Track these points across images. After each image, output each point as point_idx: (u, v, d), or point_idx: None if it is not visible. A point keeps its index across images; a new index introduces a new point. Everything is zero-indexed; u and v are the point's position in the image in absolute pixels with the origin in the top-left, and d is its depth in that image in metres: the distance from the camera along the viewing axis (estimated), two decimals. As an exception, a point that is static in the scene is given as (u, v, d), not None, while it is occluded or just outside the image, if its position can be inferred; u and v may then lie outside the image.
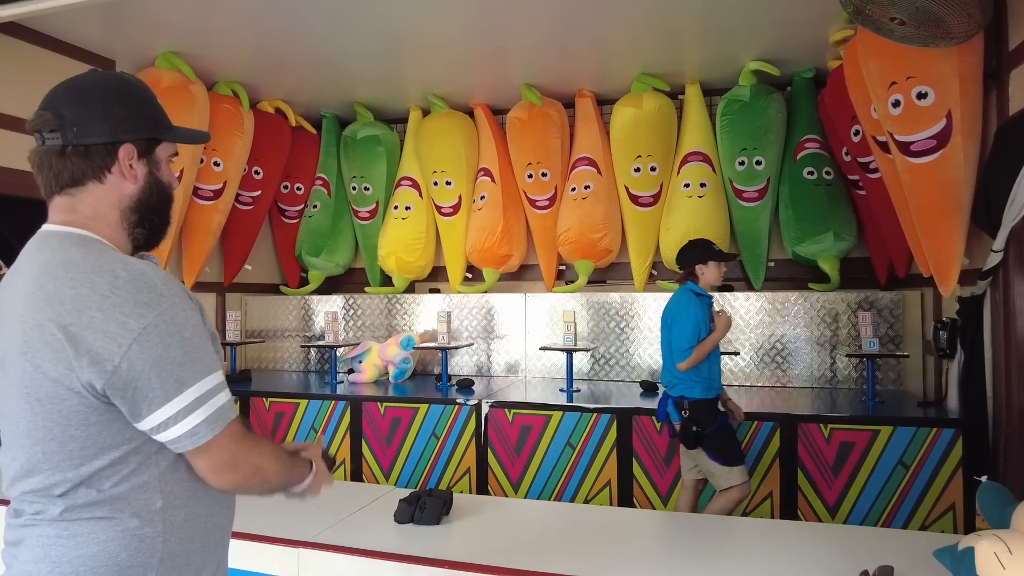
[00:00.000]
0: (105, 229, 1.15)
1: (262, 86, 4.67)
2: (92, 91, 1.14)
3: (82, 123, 1.11)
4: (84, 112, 1.12)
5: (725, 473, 2.99)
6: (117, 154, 1.14)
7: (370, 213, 5.23)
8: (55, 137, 1.11)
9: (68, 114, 1.11)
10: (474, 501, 2.33)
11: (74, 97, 1.13)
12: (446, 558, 1.75)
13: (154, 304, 1.05)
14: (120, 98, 1.16)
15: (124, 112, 1.15)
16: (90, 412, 1.06)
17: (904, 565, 1.65)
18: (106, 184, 1.14)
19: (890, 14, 2.53)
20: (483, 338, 4.84)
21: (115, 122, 1.13)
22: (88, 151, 1.12)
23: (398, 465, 3.86)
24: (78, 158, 1.12)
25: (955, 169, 2.96)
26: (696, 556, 1.85)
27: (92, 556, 1.07)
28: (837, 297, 4.12)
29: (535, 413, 3.64)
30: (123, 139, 1.14)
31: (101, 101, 1.14)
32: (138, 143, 1.16)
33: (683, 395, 3.07)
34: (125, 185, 1.16)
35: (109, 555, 1.07)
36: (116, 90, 1.17)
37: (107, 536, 1.07)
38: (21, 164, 3.57)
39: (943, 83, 2.90)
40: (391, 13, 3.50)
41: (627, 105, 4.48)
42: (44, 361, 1.04)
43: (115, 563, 1.07)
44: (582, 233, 4.55)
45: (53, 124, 1.11)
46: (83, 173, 1.13)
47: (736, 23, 3.65)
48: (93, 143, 1.12)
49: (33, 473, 1.09)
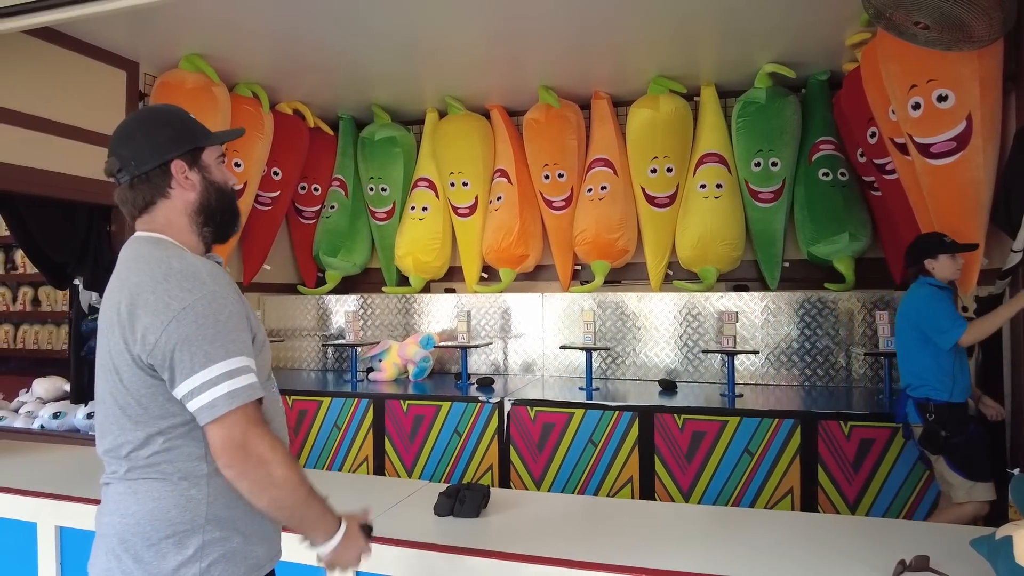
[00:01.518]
0: (177, 234, 1.36)
1: (281, 88, 4.73)
2: (133, 128, 1.36)
3: (137, 156, 1.31)
4: (134, 147, 1.32)
5: (966, 487, 2.79)
6: (171, 171, 1.33)
7: (387, 214, 5.28)
8: (124, 175, 1.32)
9: (124, 153, 1.32)
10: (510, 495, 2.38)
11: (123, 138, 1.34)
12: (492, 549, 1.80)
13: (195, 290, 1.22)
14: (155, 125, 1.36)
15: (163, 135, 1.34)
16: (143, 383, 1.24)
17: (939, 555, 1.68)
18: (172, 198, 1.34)
19: (914, 18, 2.58)
20: (500, 337, 4.89)
21: (159, 146, 1.32)
22: (149, 176, 1.32)
23: (421, 462, 3.91)
24: (143, 185, 1.33)
25: (975, 171, 3.01)
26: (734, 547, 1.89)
27: (149, 511, 1.24)
28: (852, 297, 4.17)
29: (557, 411, 3.69)
30: (171, 157, 1.32)
31: (143, 133, 1.34)
32: (184, 156, 1.34)
33: (928, 397, 2.88)
34: (187, 194, 1.35)
35: (162, 511, 1.24)
36: (149, 120, 1.39)
37: (160, 494, 1.25)
38: (49, 165, 3.64)
39: (963, 86, 2.94)
40: (409, 17, 3.54)
41: (643, 107, 4.53)
42: (114, 336, 1.26)
43: (167, 519, 1.24)
44: (598, 233, 4.59)
45: (118, 165, 1.33)
46: (151, 195, 1.34)
47: (752, 26, 3.70)
48: (150, 169, 1.32)
49: (106, 435, 1.29)
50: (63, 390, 5.15)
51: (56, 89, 3.71)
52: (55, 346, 6.00)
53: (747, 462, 3.41)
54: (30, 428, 4.83)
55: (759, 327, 4.32)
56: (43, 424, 4.83)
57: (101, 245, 4.06)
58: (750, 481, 3.41)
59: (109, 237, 4.13)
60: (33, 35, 3.47)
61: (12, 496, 2.39)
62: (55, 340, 6.03)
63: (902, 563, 1.65)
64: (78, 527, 2.27)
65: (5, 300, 6.21)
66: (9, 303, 6.20)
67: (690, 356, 4.48)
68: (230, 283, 1.30)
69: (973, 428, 2.89)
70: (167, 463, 1.25)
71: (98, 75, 3.96)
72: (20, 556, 2.37)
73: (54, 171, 3.67)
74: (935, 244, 2.98)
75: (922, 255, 3.02)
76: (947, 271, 2.97)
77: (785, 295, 4.32)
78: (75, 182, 3.78)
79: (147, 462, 1.25)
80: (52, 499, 2.33)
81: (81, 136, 3.83)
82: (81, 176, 3.81)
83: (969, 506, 2.81)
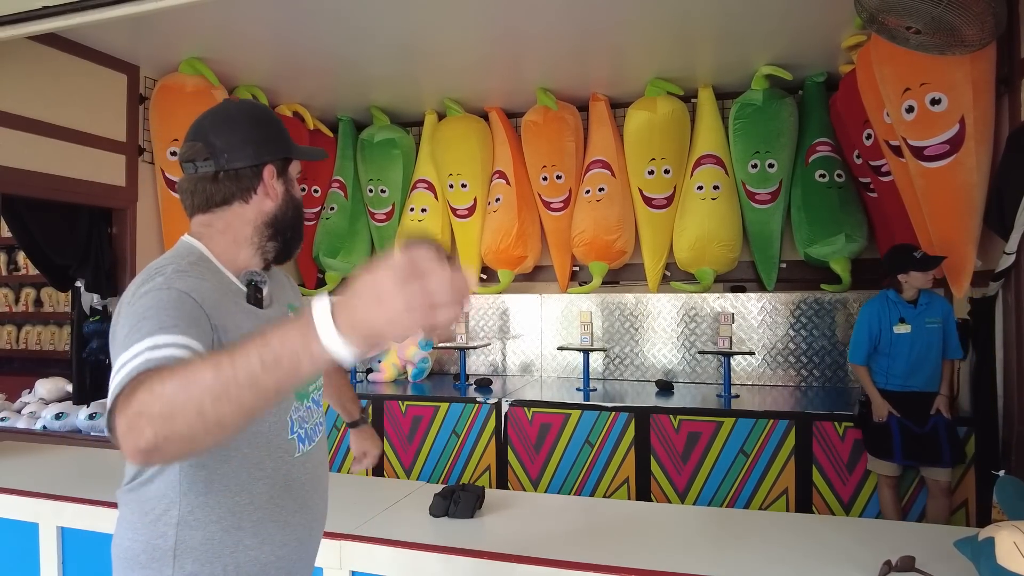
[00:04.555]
0: (225, 243, 1.23)
1: (281, 90, 4.76)
2: (235, 119, 1.23)
3: (231, 149, 1.19)
4: (231, 139, 1.20)
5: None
6: (263, 175, 1.22)
7: (386, 215, 5.31)
8: (208, 164, 1.19)
9: (217, 142, 1.19)
10: (505, 496, 2.40)
11: (220, 126, 1.22)
12: (485, 549, 1.82)
13: (146, 282, 1.07)
14: (259, 122, 1.25)
15: (264, 135, 1.23)
16: None
17: (924, 556, 1.71)
18: (250, 204, 1.22)
19: (906, 23, 2.60)
20: (498, 338, 4.91)
21: (258, 145, 1.21)
22: (238, 174, 1.20)
23: (419, 462, 3.94)
24: (229, 181, 1.20)
25: (968, 173, 3.03)
26: (726, 547, 1.91)
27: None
28: (849, 298, 4.19)
29: (554, 412, 3.72)
30: (266, 160, 1.22)
31: (244, 127, 1.22)
32: (276, 163, 1.24)
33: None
34: (266, 203, 1.24)
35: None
36: (255, 116, 1.26)
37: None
38: (51, 168, 3.68)
39: (957, 89, 2.96)
40: (408, 19, 3.57)
41: (641, 109, 4.55)
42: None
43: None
44: (596, 235, 4.62)
45: (206, 153, 1.19)
46: (232, 194, 1.21)
47: (750, 29, 3.72)
48: (242, 167, 1.20)
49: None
50: (65, 391, 5.19)
51: (57, 93, 3.75)
52: (58, 347, 6.04)
53: (742, 463, 3.44)
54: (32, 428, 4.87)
55: (756, 328, 4.34)
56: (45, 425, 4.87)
57: (102, 247, 4.09)
58: (745, 481, 3.43)
59: (110, 239, 4.17)
60: (34, 40, 3.51)
61: (14, 497, 2.42)
62: (57, 341, 6.07)
63: (888, 564, 1.67)
64: (79, 528, 2.30)
65: (8, 301, 6.25)
66: (12, 304, 6.24)
67: (687, 357, 4.51)
68: (190, 278, 1.10)
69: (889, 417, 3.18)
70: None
71: (99, 79, 3.99)
72: (22, 557, 2.40)
73: (56, 174, 3.71)
74: (906, 260, 3.19)
75: (893, 270, 3.24)
76: (918, 282, 3.20)
77: (782, 296, 4.34)
78: (77, 185, 3.82)
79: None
80: (53, 500, 2.36)
81: (82, 139, 3.86)
82: (83, 179, 3.85)
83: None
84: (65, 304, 5.86)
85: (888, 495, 3.20)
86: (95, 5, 2.54)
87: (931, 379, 3.21)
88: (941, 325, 3.20)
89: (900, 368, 3.20)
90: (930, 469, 3.11)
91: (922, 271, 3.15)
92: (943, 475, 3.09)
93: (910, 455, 3.11)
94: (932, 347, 3.19)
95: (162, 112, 4.20)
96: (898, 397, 3.18)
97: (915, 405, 3.15)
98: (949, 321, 3.22)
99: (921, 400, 3.16)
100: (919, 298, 3.23)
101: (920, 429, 3.10)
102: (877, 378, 3.25)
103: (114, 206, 4.13)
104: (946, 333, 3.21)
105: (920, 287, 3.21)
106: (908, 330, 3.19)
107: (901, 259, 3.21)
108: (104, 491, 2.38)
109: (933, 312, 3.21)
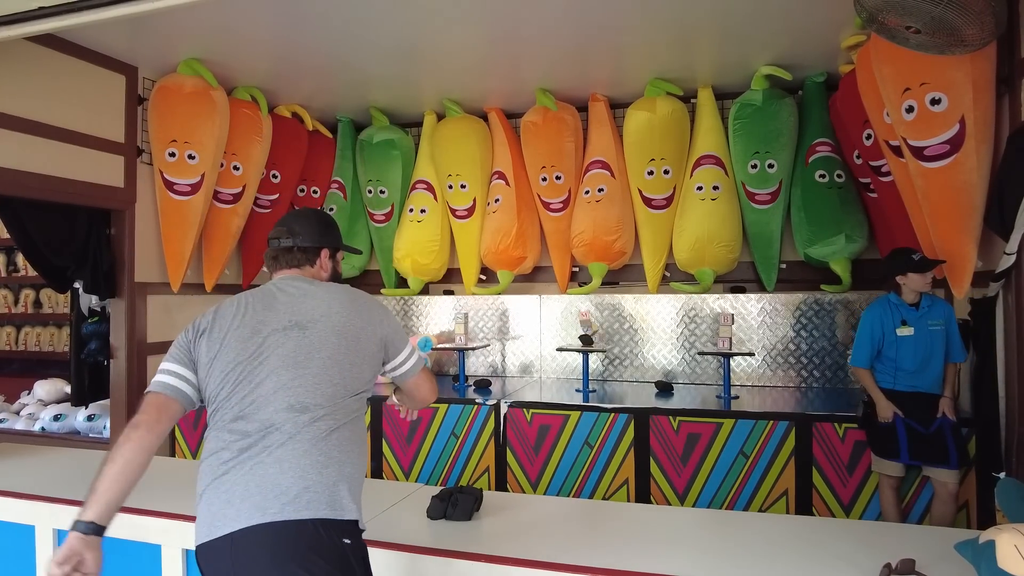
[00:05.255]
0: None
1: (280, 91, 4.75)
2: (310, 219, 1.91)
3: (304, 235, 1.86)
4: (306, 230, 1.87)
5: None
6: (320, 254, 1.88)
7: (385, 216, 5.30)
8: (288, 241, 1.85)
9: (298, 229, 1.86)
10: (503, 498, 2.40)
11: (300, 221, 1.89)
12: (483, 552, 1.81)
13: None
14: (324, 225, 1.92)
15: (325, 231, 1.91)
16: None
17: (925, 559, 1.70)
18: (315, 268, 1.88)
19: (906, 23, 2.59)
20: (498, 339, 4.90)
21: (319, 236, 1.88)
22: (306, 251, 1.86)
23: (418, 464, 3.94)
24: (300, 253, 1.86)
25: (968, 173, 3.02)
26: (725, 550, 1.91)
27: None
28: (849, 298, 4.18)
29: (553, 413, 3.71)
30: (322, 246, 1.88)
31: (315, 225, 1.90)
32: (329, 249, 1.90)
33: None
34: (321, 272, 1.89)
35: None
36: (322, 220, 1.93)
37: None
38: (49, 169, 3.67)
39: (957, 89, 2.95)
40: (407, 20, 3.56)
41: (640, 109, 4.54)
42: (376, 336, 1.82)
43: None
44: (596, 235, 4.61)
45: (288, 234, 1.85)
46: (301, 261, 1.87)
47: (749, 29, 3.71)
48: (309, 247, 1.86)
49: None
50: (64, 392, 5.18)
51: (56, 94, 3.74)
52: (57, 348, 6.04)
53: (742, 464, 3.43)
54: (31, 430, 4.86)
55: (756, 329, 4.33)
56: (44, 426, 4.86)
57: (101, 248, 4.08)
58: (745, 483, 3.42)
59: (109, 240, 4.16)
60: (32, 40, 3.50)
61: (10, 499, 2.41)
62: (57, 342, 6.07)
63: (888, 566, 1.67)
64: (76, 530, 2.29)
65: (7, 302, 6.25)
66: (11, 305, 6.23)
67: (687, 358, 4.50)
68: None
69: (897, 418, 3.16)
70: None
71: (97, 79, 3.98)
72: (18, 559, 2.39)
73: (54, 175, 3.70)
74: (904, 263, 3.20)
75: (892, 273, 3.24)
76: (916, 284, 3.20)
77: (782, 297, 4.33)
78: (75, 186, 3.81)
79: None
80: (50, 502, 2.35)
81: (80, 141, 3.86)
82: (81, 180, 3.84)
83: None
84: (65, 305, 5.85)
85: (890, 496, 3.18)
86: (91, 6, 2.53)
87: (936, 381, 3.20)
88: (943, 328, 3.19)
89: (908, 369, 3.19)
90: (936, 471, 3.10)
91: (920, 273, 3.16)
92: (949, 477, 3.06)
93: (916, 455, 3.09)
94: (936, 349, 3.18)
95: (161, 113, 4.19)
96: (905, 397, 3.17)
97: (921, 406, 3.14)
98: (951, 324, 3.21)
99: (927, 401, 3.16)
100: (921, 301, 3.22)
101: (925, 430, 3.10)
102: (884, 378, 3.24)
103: (112, 207, 4.12)
104: (948, 336, 3.20)
105: (918, 289, 3.21)
106: (911, 332, 3.19)
107: (899, 262, 3.22)
108: (101, 493, 2.37)
109: (935, 315, 3.20)
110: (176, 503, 2.25)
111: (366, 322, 1.77)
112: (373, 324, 1.78)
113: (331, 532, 1.49)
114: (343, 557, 1.49)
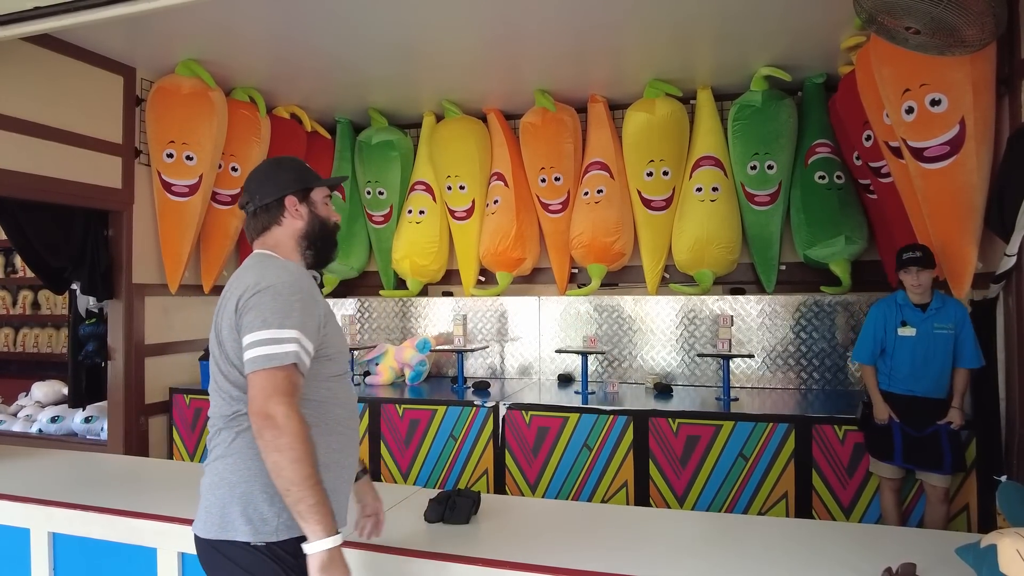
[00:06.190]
0: (284, 253, 1.67)
1: (278, 92, 4.74)
2: (260, 171, 1.71)
3: (260, 191, 1.66)
4: (259, 184, 1.67)
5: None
6: (284, 204, 1.66)
7: (384, 217, 5.29)
8: (250, 206, 1.67)
9: (252, 188, 1.68)
10: (501, 501, 2.38)
11: (252, 179, 1.70)
12: (480, 556, 1.80)
13: (271, 279, 1.52)
14: (276, 169, 1.70)
15: (282, 177, 1.68)
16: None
17: (925, 563, 1.69)
18: (284, 225, 1.67)
19: (905, 23, 2.58)
20: (496, 340, 4.89)
21: (277, 184, 1.66)
22: (268, 207, 1.66)
23: (416, 466, 3.92)
24: (264, 213, 1.66)
25: (968, 174, 3.01)
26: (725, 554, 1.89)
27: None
28: (849, 300, 4.17)
29: (552, 415, 3.70)
30: (285, 193, 1.66)
31: (267, 174, 1.69)
32: (296, 193, 1.67)
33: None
34: (296, 223, 1.67)
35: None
36: (272, 164, 1.74)
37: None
38: (46, 170, 3.66)
39: (957, 90, 2.94)
40: (406, 21, 3.56)
41: (640, 110, 4.53)
42: (226, 317, 1.54)
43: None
44: (595, 236, 4.60)
45: (247, 198, 1.68)
46: (268, 222, 1.67)
47: (749, 30, 3.70)
48: (269, 201, 1.65)
49: (213, 398, 1.66)
50: (62, 394, 5.16)
51: (53, 94, 3.73)
52: (55, 349, 6.02)
53: (742, 466, 3.42)
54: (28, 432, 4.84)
55: (755, 330, 4.32)
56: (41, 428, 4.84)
57: (98, 250, 4.07)
58: (744, 485, 3.41)
59: (106, 242, 4.15)
60: (30, 41, 3.49)
61: (5, 502, 2.39)
62: (55, 343, 6.05)
63: (888, 571, 1.65)
64: (71, 533, 2.28)
65: (5, 303, 6.23)
66: (9, 306, 6.22)
67: (687, 359, 4.49)
68: (308, 280, 1.61)
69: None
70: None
71: (95, 80, 3.97)
72: (13, 562, 2.38)
73: (51, 176, 3.69)
74: (896, 260, 3.17)
75: (897, 269, 3.20)
76: (905, 282, 3.15)
77: (781, 298, 4.32)
78: (72, 187, 3.80)
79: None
80: (45, 505, 2.34)
81: (78, 141, 3.85)
82: (78, 181, 3.83)
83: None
84: (63, 306, 5.84)
85: (889, 498, 3.16)
86: (87, 6, 2.52)
87: (936, 386, 3.09)
88: (953, 331, 3.06)
89: (903, 371, 3.13)
90: (927, 474, 3.07)
91: (901, 270, 3.11)
92: (940, 481, 3.02)
93: (910, 458, 3.06)
94: (938, 353, 3.06)
95: (158, 114, 4.18)
96: (900, 400, 3.13)
97: (917, 410, 3.08)
98: (964, 327, 3.06)
99: (923, 406, 3.08)
100: (931, 302, 3.11)
101: (918, 434, 3.06)
102: (882, 379, 3.20)
103: (110, 208, 4.11)
104: (959, 340, 3.04)
105: (909, 288, 3.13)
106: (912, 333, 3.10)
107: (897, 258, 3.16)
108: (97, 496, 2.36)
109: (944, 318, 3.07)
110: (172, 506, 2.23)
111: (226, 298, 1.57)
112: (231, 292, 1.55)
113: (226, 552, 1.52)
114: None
